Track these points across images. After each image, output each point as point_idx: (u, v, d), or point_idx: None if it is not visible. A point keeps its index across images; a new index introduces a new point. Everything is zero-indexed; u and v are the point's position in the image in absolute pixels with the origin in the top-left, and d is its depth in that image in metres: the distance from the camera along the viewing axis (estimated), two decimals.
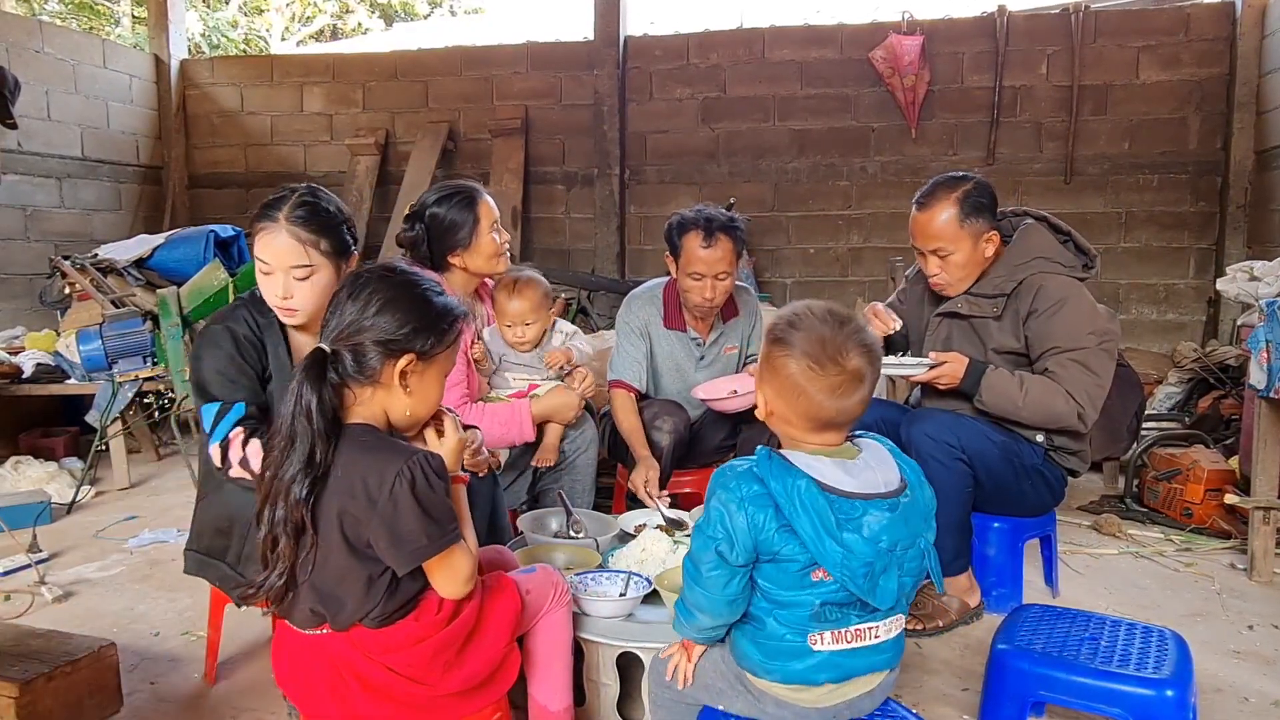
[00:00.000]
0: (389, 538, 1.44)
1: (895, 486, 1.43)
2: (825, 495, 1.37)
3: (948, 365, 2.44)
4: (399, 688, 1.52)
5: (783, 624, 1.43)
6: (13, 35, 5.79)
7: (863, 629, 1.43)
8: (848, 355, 1.43)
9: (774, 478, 1.40)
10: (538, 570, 1.80)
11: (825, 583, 1.40)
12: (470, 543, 1.57)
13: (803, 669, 1.44)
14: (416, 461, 1.45)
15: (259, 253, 1.97)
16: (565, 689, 1.79)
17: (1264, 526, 2.90)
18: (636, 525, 2.48)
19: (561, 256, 6.60)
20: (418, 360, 1.52)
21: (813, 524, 1.36)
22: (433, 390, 1.58)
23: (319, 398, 1.45)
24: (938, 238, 2.49)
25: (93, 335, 4.08)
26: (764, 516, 1.38)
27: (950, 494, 2.37)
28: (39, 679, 1.91)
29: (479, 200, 2.59)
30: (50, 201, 6.06)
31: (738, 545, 1.40)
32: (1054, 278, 2.48)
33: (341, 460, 1.47)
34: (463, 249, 2.58)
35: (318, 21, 14.73)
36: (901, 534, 1.40)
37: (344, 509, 1.45)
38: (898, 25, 5.95)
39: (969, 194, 2.47)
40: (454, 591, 1.53)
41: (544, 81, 6.58)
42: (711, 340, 3.10)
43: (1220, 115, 5.64)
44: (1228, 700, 2.16)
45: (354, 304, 1.52)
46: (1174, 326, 5.84)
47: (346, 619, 1.49)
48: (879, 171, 6.13)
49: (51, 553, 3.22)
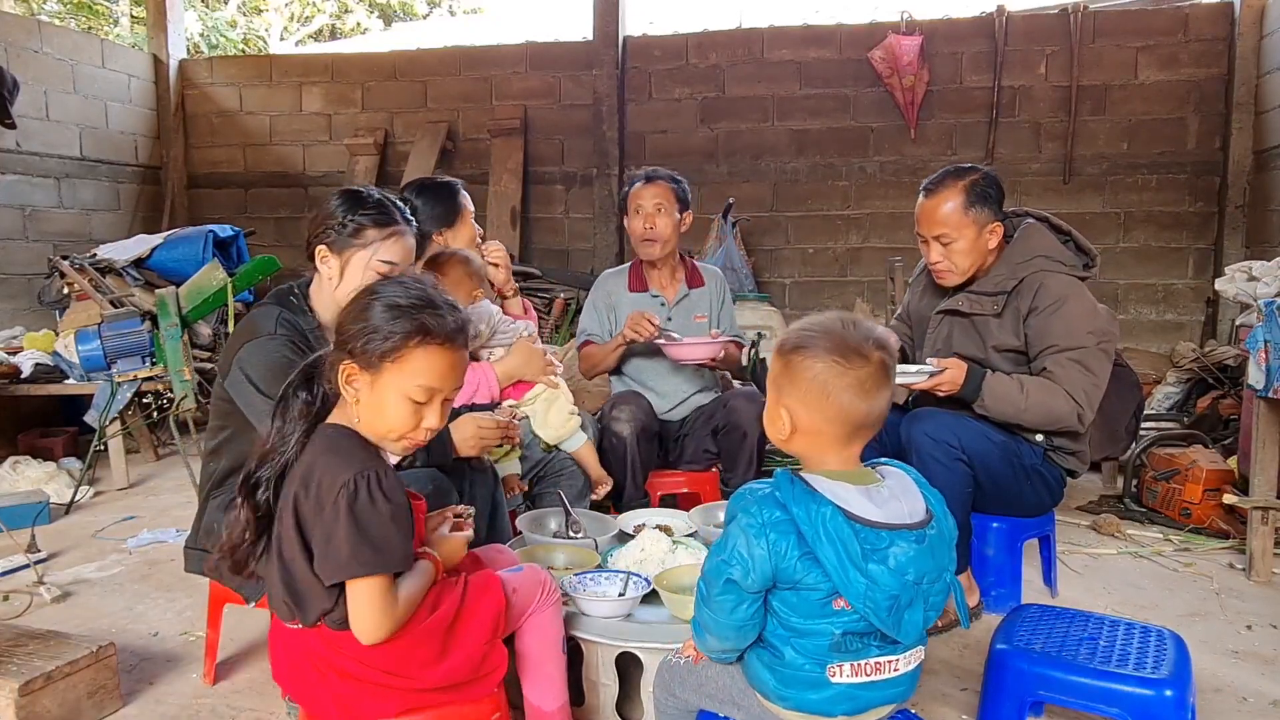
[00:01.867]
0: (322, 546, 1.42)
1: (921, 517, 1.39)
2: (851, 524, 1.33)
3: (948, 373, 2.42)
4: (379, 679, 1.51)
5: (801, 653, 1.39)
6: (11, 35, 5.79)
7: (883, 662, 1.40)
8: (869, 348, 1.41)
9: (797, 504, 1.35)
10: (525, 569, 1.77)
11: (847, 612, 1.35)
12: (407, 593, 1.48)
13: (818, 700, 1.40)
14: (365, 475, 1.40)
15: (387, 256, 2.07)
16: (559, 688, 1.77)
17: (1262, 526, 2.90)
18: (635, 525, 2.48)
19: (560, 256, 6.60)
20: (354, 364, 1.47)
21: (837, 554, 1.31)
22: (386, 407, 1.47)
23: (299, 400, 1.50)
24: (942, 224, 2.51)
25: (91, 335, 4.08)
26: (786, 544, 1.34)
27: (950, 495, 2.34)
28: (38, 679, 1.91)
29: (457, 188, 2.90)
30: (49, 201, 6.06)
31: (754, 572, 1.35)
32: (1055, 276, 2.48)
33: (305, 457, 1.48)
34: (448, 228, 2.82)
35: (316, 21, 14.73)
36: (928, 567, 1.36)
37: (298, 506, 1.45)
38: (896, 25, 5.96)
39: (976, 183, 2.50)
40: (359, 630, 1.43)
41: (543, 81, 6.58)
42: (677, 300, 3.27)
43: (1219, 115, 5.65)
44: (1226, 700, 2.16)
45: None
46: (1173, 326, 5.84)
47: (312, 617, 1.49)
48: (878, 171, 6.13)
49: (50, 553, 3.22)
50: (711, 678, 1.54)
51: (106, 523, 3.62)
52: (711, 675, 1.54)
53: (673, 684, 1.60)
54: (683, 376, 3.24)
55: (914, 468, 2.39)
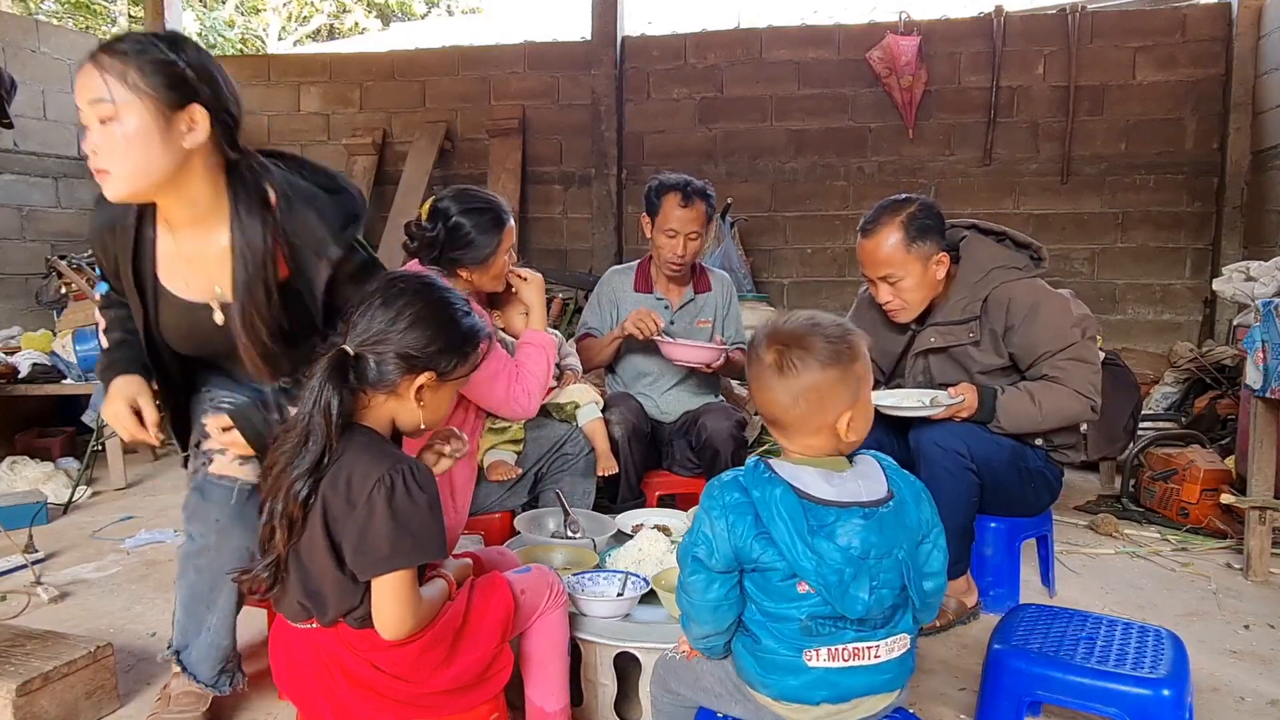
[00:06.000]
0: (356, 543, 1.44)
1: (878, 497, 1.42)
2: (801, 502, 1.39)
3: (966, 400, 2.41)
4: (384, 684, 1.51)
5: (777, 638, 1.42)
6: (9, 34, 5.78)
7: (860, 647, 1.41)
8: (761, 348, 1.47)
9: (756, 486, 1.42)
10: (533, 570, 1.78)
11: (811, 595, 1.39)
12: (435, 593, 1.54)
13: (798, 685, 1.42)
14: (400, 470, 1.45)
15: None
16: (561, 689, 1.78)
17: (1260, 526, 2.90)
18: (634, 525, 2.48)
19: (559, 256, 6.60)
20: (437, 378, 1.55)
21: (788, 530, 1.36)
22: (443, 404, 1.61)
23: (340, 398, 1.46)
24: (886, 264, 2.46)
25: (89, 335, 4.08)
26: (743, 525, 1.40)
27: (957, 502, 2.37)
28: (35, 679, 1.91)
29: (506, 225, 2.49)
30: (46, 201, 6.05)
31: (716, 552, 1.41)
32: (1017, 285, 2.46)
33: (336, 459, 1.48)
34: (476, 266, 2.49)
35: (315, 21, 14.73)
36: (875, 542, 1.38)
37: (326, 507, 1.46)
38: (895, 25, 5.96)
39: (913, 217, 2.43)
40: (385, 623, 1.46)
41: (541, 81, 6.58)
42: (681, 305, 3.23)
43: (1217, 116, 5.65)
44: (1224, 700, 2.16)
45: (385, 312, 1.52)
46: (1170, 326, 5.85)
47: (331, 615, 1.49)
48: (876, 172, 6.13)
49: (48, 553, 3.21)
50: (705, 672, 1.56)
51: (104, 523, 3.61)
52: (705, 669, 1.56)
53: (669, 679, 1.62)
54: (675, 378, 3.22)
55: (922, 476, 2.41)
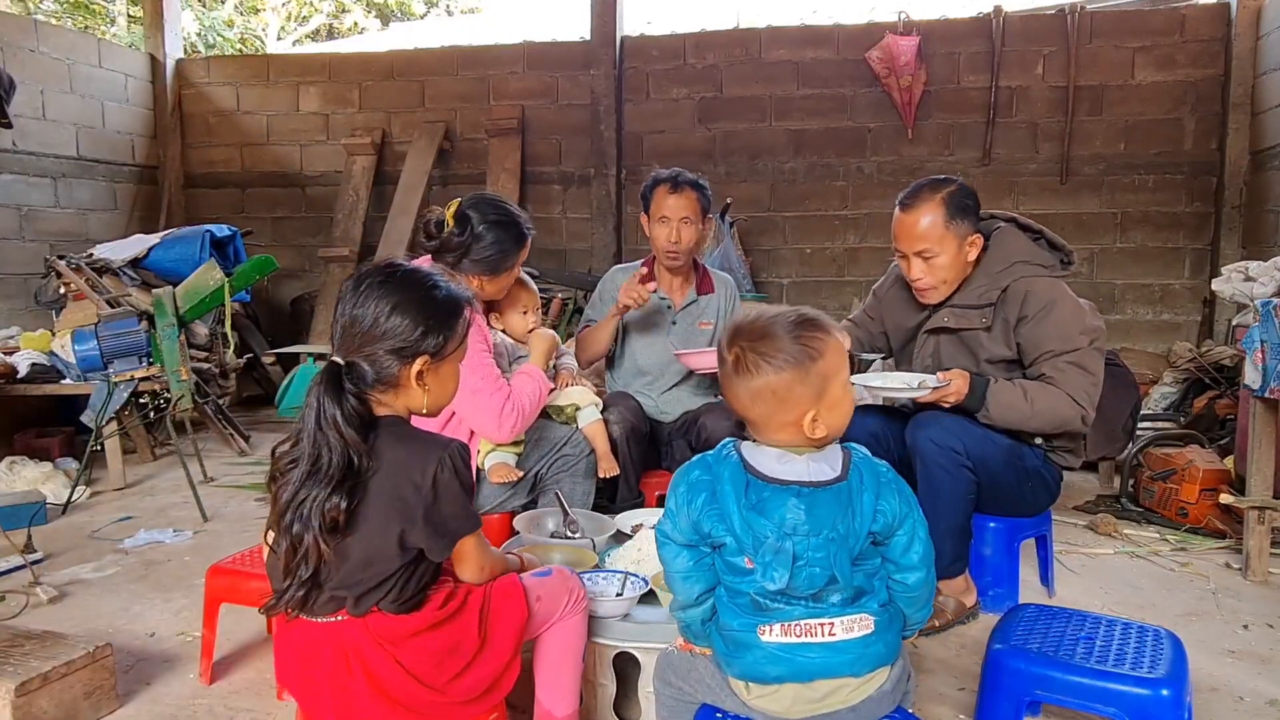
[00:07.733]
0: (432, 524, 1.49)
1: (822, 479, 1.44)
2: (746, 476, 1.46)
3: (953, 385, 2.39)
4: (401, 686, 1.51)
5: (734, 614, 1.47)
6: (8, 34, 5.78)
7: (813, 624, 1.43)
8: (725, 346, 1.52)
9: (718, 464, 1.50)
10: (554, 573, 1.76)
11: (754, 570, 1.44)
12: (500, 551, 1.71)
13: (754, 660, 1.45)
14: (453, 450, 1.53)
15: None
16: (572, 695, 1.77)
17: (1259, 526, 2.90)
18: (633, 525, 2.48)
19: (558, 256, 6.60)
20: (432, 360, 1.55)
21: (733, 501, 1.44)
22: (449, 381, 1.64)
23: (341, 410, 1.46)
24: (924, 238, 2.46)
25: (88, 335, 4.07)
26: (699, 499, 1.47)
27: (953, 500, 2.37)
28: (34, 680, 1.91)
29: (527, 240, 2.62)
30: (45, 201, 6.04)
31: (678, 524, 1.50)
32: (1038, 280, 2.46)
33: (382, 452, 1.49)
34: (487, 275, 2.56)
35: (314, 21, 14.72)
36: (802, 520, 1.41)
37: (395, 494, 1.48)
38: (894, 26, 5.96)
39: (953, 195, 2.45)
40: (473, 570, 1.61)
41: (540, 81, 6.58)
42: (684, 305, 3.24)
43: (1215, 116, 5.66)
44: (1223, 699, 2.16)
45: (360, 311, 1.52)
46: (1169, 327, 5.85)
47: (368, 602, 1.50)
48: (875, 172, 6.13)
49: (46, 553, 3.21)
50: (700, 665, 1.58)
51: (103, 523, 3.61)
52: (701, 663, 1.58)
53: (668, 673, 1.64)
54: (675, 378, 3.22)
55: (918, 473, 2.40)
